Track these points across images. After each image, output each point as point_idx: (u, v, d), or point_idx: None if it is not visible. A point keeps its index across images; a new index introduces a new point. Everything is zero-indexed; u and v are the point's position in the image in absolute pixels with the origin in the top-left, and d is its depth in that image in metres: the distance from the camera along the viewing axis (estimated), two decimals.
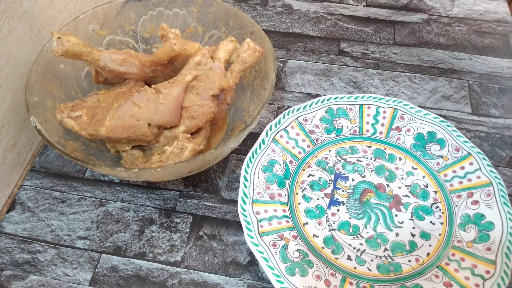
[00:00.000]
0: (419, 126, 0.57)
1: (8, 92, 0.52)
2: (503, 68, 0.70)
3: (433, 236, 0.49)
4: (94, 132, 0.50)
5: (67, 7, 0.61)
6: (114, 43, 0.61)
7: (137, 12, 0.61)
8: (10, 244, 0.51)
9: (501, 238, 0.47)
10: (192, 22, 0.62)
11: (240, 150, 0.59)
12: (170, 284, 0.48)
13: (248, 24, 0.58)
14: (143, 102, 0.48)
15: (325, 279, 0.46)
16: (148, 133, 0.49)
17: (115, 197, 0.55)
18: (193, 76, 0.52)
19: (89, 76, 0.59)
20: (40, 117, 0.49)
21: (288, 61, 0.70)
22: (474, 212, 0.50)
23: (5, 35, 0.49)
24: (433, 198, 0.53)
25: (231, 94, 0.56)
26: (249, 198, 0.50)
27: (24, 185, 0.56)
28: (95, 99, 0.52)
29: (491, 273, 0.45)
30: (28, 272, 0.48)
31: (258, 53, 0.54)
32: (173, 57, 0.53)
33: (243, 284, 0.48)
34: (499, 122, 0.63)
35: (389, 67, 0.69)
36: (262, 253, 0.46)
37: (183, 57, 0.53)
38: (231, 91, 0.56)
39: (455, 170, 0.53)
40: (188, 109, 0.51)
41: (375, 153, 0.57)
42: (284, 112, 0.58)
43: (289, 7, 0.79)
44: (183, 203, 0.54)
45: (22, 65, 0.53)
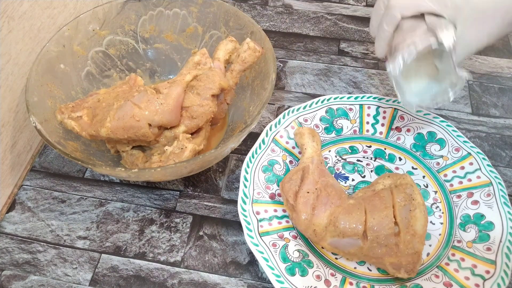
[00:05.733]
0: (419, 126, 0.57)
1: (8, 92, 0.52)
2: (503, 68, 0.70)
3: (433, 236, 0.49)
4: (94, 133, 0.50)
5: (67, 7, 0.61)
6: (114, 43, 0.61)
7: (137, 12, 0.61)
8: (10, 244, 0.51)
9: (501, 238, 0.47)
10: (192, 22, 0.62)
11: (240, 150, 0.59)
12: (170, 284, 0.48)
13: (248, 24, 0.58)
14: (143, 102, 0.48)
15: (325, 279, 0.46)
16: (148, 133, 0.49)
17: (115, 197, 0.55)
18: (192, 76, 0.52)
19: (89, 76, 0.59)
20: (40, 117, 0.49)
21: (288, 61, 0.70)
22: (474, 212, 0.50)
23: (5, 35, 0.49)
24: (433, 198, 0.53)
25: (231, 94, 0.56)
26: (249, 198, 0.50)
27: (24, 185, 0.56)
28: (95, 99, 0.52)
29: (491, 273, 0.45)
30: (28, 272, 0.48)
31: (258, 53, 0.54)
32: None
33: (243, 284, 0.48)
34: (499, 122, 0.63)
35: None
36: (262, 253, 0.46)
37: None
38: (231, 91, 0.56)
39: (455, 170, 0.53)
40: (188, 109, 0.51)
41: (375, 153, 0.57)
42: (284, 112, 0.58)
43: (289, 7, 0.79)
44: (183, 203, 0.54)
45: (22, 65, 0.53)
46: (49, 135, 0.48)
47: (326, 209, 0.47)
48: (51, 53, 0.54)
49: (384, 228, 0.45)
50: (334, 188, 0.49)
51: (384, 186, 0.49)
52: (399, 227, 0.45)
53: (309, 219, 0.46)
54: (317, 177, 0.49)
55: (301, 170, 0.50)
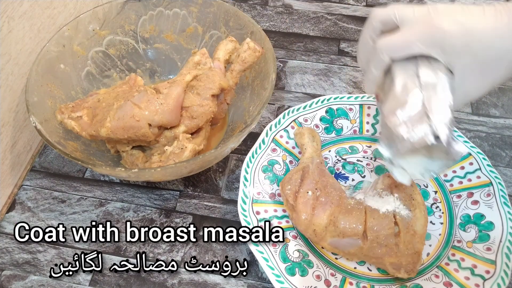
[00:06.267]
0: None
1: (8, 92, 0.52)
2: None
3: (433, 236, 0.49)
4: (94, 133, 0.50)
5: (67, 7, 0.61)
6: (114, 43, 0.61)
7: (137, 12, 0.61)
8: (10, 244, 0.51)
9: (501, 238, 0.47)
10: (192, 22, 0.62)
11: (240, 150, 0.59)
12: (170, 284, 0.48)
13: (248, 24, 0.58)
14: (143, 102, 0.48)
15: (325, 279, 0.46)
16: (148, 133, 0.49)
17: (115, 197, 0.55)
18: (192, 76, 0.52)
19: (89, 76, 0.59)
20: (40, 117, 0.49)
21: (288, 61, 0.70)
22: (474, 212, 0.50)
23: (5, 35, 0.49)
24: (433, 198, 0.53)
25: (231, 94, 0.56)
26: (249, 198, 0.50)
27: (24, 185, 0.55)
28: (95, 99, 0.52)
29: (491, 273, 0.45)
30: (28, 272, 0.48)
31: (258, 53, 0.54)
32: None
33: (243, 284, 0.48)
34: (499, 122, 0.63)
35: None
36: (262, 253, 0.46)
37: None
38: (231, 91, 0.56)
39: (455, 170, 0.53)
40: (188, 109, 0.51)
41: (375, 153, 0.57)
42: (284, 112, 0.58)
43: (289, 7, 0.79)
44: (183, 203, 0.54)
45: (22, 65, 0.53)
46: (49, 135, 0.48)
47: (326, 209, 0.47)
48: (51, 53, 0.54)
49: (384, 228, 0.45)
50: (334, 188, 0.49)
51: (384, 186, 0.49)
52: (399, 227, 0.45)
53: (309, 219, 0.46)
54: (317, 177, 0.49)
55: (301, 170, 0.50)
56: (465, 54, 0.37)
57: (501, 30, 0.36)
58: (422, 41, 0.38)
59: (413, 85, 0.39)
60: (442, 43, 0.37)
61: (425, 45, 0.38)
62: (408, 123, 0.37)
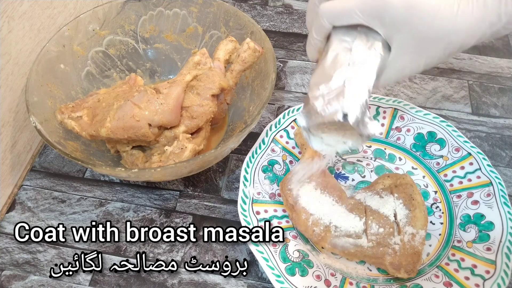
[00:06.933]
0: (419, 126, 0.57)
1: (8, 92, 0.52)
2: (503, 68, 0.70)
3: (433, 236, 0.49)
4: (94, 133, 0.50)
5: (67, 7, 0.61)
6: (114, 43, 0.61)
7: (137, 12, 0.61)
8: (10, 244, 0.51)
9: (501, 238, 0.47)
10: (192, 22, 0.62)
11: (240, 150, 0.59)
12: (170, 284, 0.48)
13: (248, 24, 0.58)
14: (143, 102, 0.48)
15: (325, 279, 0.46)
16: (148, 133, 0.49)
17: (115, 197, 0.55)
18: (192, 75, 0.52)
19: (89, 76, 0.59)
20: (40, 117, 0.49)
21: (288, 61, 0.70)
22: (474, 212, 0.50)
23: (5, 35, 0.49)
24: (433, 198, 0.53)
25: (231, 94, 0.56)
26: (249, 198, 0.50)
27: (24, 185, 0.56)
28: (96, 99, 0.52)
29: (491, 273, 0.45)
30: (28, 272, 0.48)
31: (258, 53, 0.54)
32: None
33: (243, 284, 0.48)
34: (499, 122, 0.63)
35: None
36: (262, 253, 0.46)
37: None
38: (231, 91, 0.56)
39: (455, 170, 0.53)
40: (188, 109, 0.51)
41: (375, 153, 0.57)
42: (284, 112, 0.58)
43: (289, 7, 0.79)
44: (183, 203, 0.54)
45: (22, 65, 0.53)
46: (49, 135, 0.48)
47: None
48: (51, 53, 0.54)
49: (384, 228, 0.45)
50: (334, 188, 0.49)
51: (384, 186, 0.49)
52: (399, 227, 0.45)
53: (309, 219, 0.46)
54: (317, 177, 0.49)
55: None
56: (404, 29, 0.36)
57: (444, 11, 0.35)
58: (362, 10, 0.36)
59: (343, 61, 0.38)
60: (382, 15, 0.36)
61: (364, 15, 0.36)
62: (326, 98, 0.38)
